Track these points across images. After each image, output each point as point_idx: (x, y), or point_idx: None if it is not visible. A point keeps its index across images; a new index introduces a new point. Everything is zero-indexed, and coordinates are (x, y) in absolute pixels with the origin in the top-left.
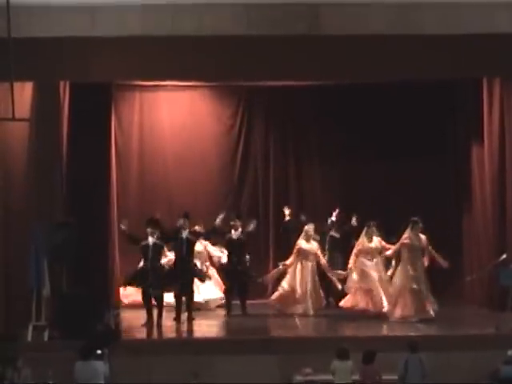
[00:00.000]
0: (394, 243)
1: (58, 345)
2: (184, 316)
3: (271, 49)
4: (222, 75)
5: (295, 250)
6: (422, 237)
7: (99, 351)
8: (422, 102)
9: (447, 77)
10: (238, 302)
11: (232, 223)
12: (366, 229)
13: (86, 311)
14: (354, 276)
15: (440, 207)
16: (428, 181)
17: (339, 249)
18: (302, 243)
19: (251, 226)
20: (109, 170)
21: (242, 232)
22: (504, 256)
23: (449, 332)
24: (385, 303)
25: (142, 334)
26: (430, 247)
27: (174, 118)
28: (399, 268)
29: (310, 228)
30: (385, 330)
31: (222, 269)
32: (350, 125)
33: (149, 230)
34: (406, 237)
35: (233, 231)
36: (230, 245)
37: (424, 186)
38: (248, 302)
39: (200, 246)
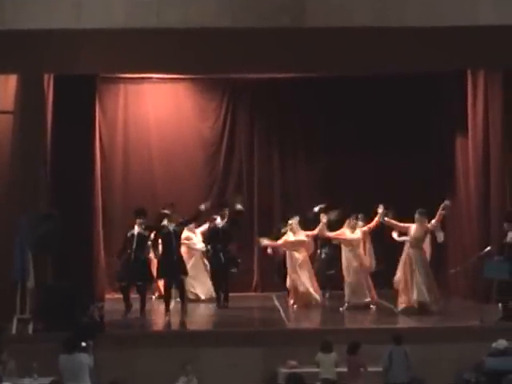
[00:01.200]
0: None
1: (43, 337)
2: (176, 307)
3: (256, 41)
4: (208, 68)
5: (282, 243)
6: (427, 224)
7: (84, 343)
8: (407, 94)
9: (431, 69)
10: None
11: (220, 213)
12: (348, 221)
13: (70, 303)
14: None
15: (424, 199)
16: (412, 173)
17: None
18: (289, 236)
19: (238, 206)
20: (93, 162)
21: (227, 221)
22: (488, 248)
23: (433, 324)
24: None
25: (126, 325)
26: (431, 223)
27: (159, 110)
28: (402, 260)
29: (293, 221)
30: (370, 322)
31: (206, 258)
32: (335, 117)
33: (138, 220)
34: (413, 229)
35: (219, 219)
36: (214, 233)
37: (408, 178)
38: (235, 294)
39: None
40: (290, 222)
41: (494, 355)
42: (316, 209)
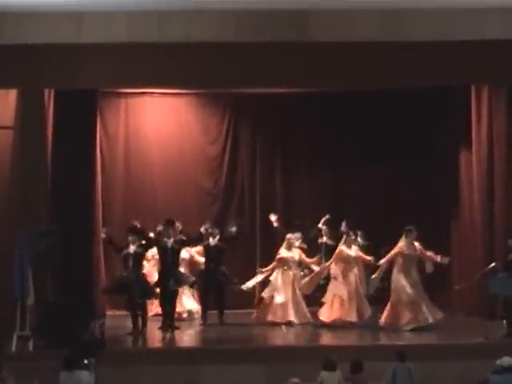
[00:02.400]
0: (382, 254)
1: (43, 354)
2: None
3: (259, 56)
4: (210, 82)
5: (276, 259)
6: (417, 245)
7: (86, 361)
8: (411, 109)
9: (436, 84)
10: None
11: (210, 230)
12: (345, 237)
13: (70, 320)
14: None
15: (428, 215)
16: (416, 188)
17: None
18: (282, 252)
19: (233, 229)
20: (94, 177)
21: (220, 240)
22: (493, 264)
23: (437, 341)
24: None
25: (128, 343)
26: (426, 252)
27: (160, 125)
28: (393, 278)
29: (291, 237)
30: (372, 339)
31: (199, 276)
32: (338, 132)
33: (130, 238)
34: (400, 246)
35: (210, 238)
36: (207, 252)
37: (412, 193)
38: (235, 311)
39: (186, 253)
40: (288, 236)
41: (498, 372)
42: (320, 224)
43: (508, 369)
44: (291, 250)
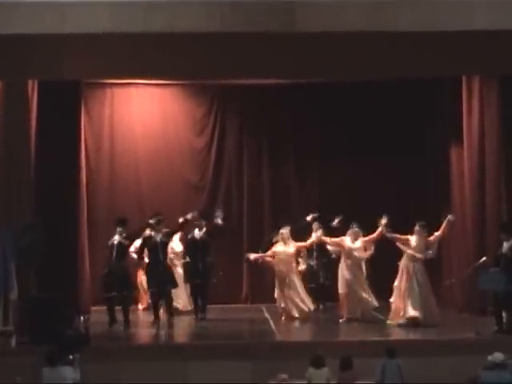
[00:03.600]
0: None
1: (27, 350)
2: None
3: (246, 46)
4: (196, 73)
5: (271, 253)
6: (428, 239)
7: (70, 356)
8: (401, 100)
9: (426, 75)
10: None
11: (196, 222)
12: (350, 230)
13: (54, 315)
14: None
15: (418, 209)
16: (406, 181)
17: (323, 253)
18: (277, 247)
19: (219, 219)
20: (78, 169)
21: (206, 232)
22: (484, 259)
23: (427, 337)
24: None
25: (113, 338)
26: (431, 238)
27: (146, 116)
28: (400, 273)
29: (284, 231)
30: (362, 335)
31: (184, 269)
32: (327, 124)
33: (118, 229)
34: (414, 245)
35: (196, 230)
36: (192, 245)
37: (402, 186)
38: (224, 306)
39: (180, 246)
40: (281, 231)
41: (489, 369)
42: (308, 218)
43: (499, 365)
44: (287, 244)
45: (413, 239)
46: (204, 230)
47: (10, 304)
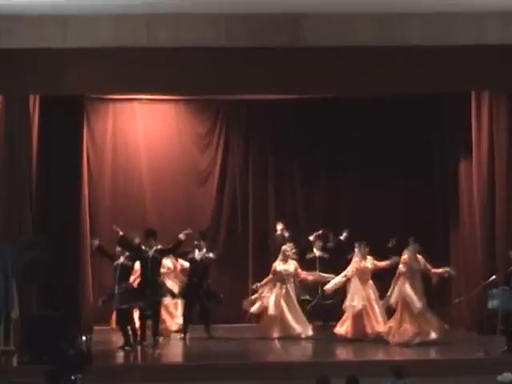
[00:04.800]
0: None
1: (28, 370)
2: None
3: (251, 61)
4: (200, 89)
5: (271, 271)
6: (420, 257)
7: (72, 377)
8: (409, 116)
9: (434, 90)
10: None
11: (196, 243)
12: (358, 249)
13: (56, 335)
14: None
15: (427, 226)
16: (414, 198)
17: (331, 269)
18: (277, 264)
19: (211, 254)
20: (80, 185)
21: (206, 253)
22: (493, 277)
23: (436, 356)
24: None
25: (115, 358)
26: (431, 268)
27: (149, 132)
28: (396, 290)
29: (287, 248)
30: (369, 355)
31: (181, 290)
32: (333, 140)
33: (118, 249)
34: (406, 257)
35: (196, 251)
36: (191, 265)
37: (410, 203)
38: (228, 325)
39: (170, 263)
40: (283, 248)
41: None
42: (311, 237)
43: None
44: (287, 262)
45: (405, 253)
46: (204, 251)
47: (11, 322)
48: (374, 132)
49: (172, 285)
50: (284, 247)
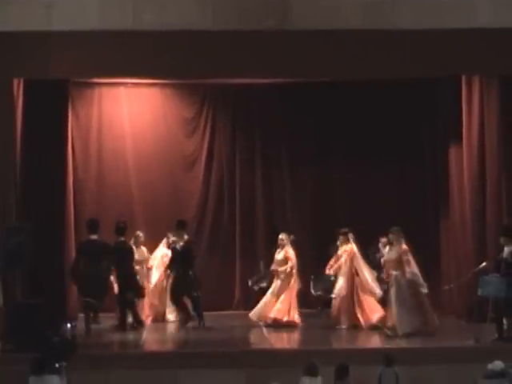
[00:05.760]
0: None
1: (12, 358)
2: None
3: (239, 45)
4: (186, 73)
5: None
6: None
7: (56, 365)
8: (398, 101)
9: (425, 74)
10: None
11: (172, 234)
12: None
13: (41, 322)
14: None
15: (417, 212)
16: (404, 184)
17: None
18: (277, 253)
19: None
20: (65, 171)
21: (188, 241)
22: (484, 264)
23: (425, 344)
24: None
25: (100, 346)
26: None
27: (135, 116)
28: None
29: (283, 236)
30: (359, 343)
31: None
32: (322, 125)
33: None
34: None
35: (176, 241)
36: (174, 256)
37: (400, 188)
38: (216, 313)
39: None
40: (280, 236)
41: (489, 377)
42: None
43: (499, 373)
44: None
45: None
46: (185, 240)
47: None
48: (363, 117)
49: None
50: (280, 236)
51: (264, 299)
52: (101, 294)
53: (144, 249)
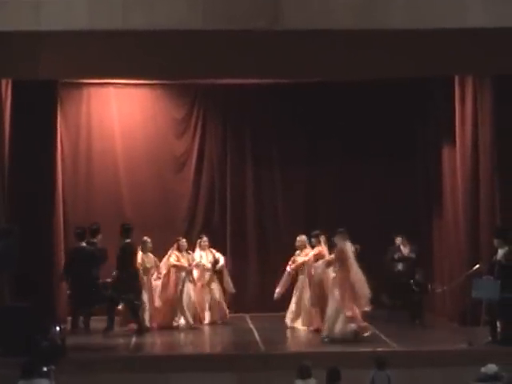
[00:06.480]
0: None
1: (0, 362)
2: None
3: (229, 45)
4: (177, 73)
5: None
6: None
7: (45, 369)
8: (391, 101)
9: (418, 74)
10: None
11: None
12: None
13: (29, 326)
14: None
15: (409, 213)
16: (397, 184)
17: None
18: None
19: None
20: (54, 173)
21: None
22: (477, 266)
23: (418, 347)
24: None
25: (90, 350)
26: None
27: (125, 117)
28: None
29: (301, 238)
30: (350, 346)
31: None
32: (313, 125)
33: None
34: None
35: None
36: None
37: (393, 189)
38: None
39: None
40: (298, 238)
41: (482, 380)
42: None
43: (493, 377)
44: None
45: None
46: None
47: None
48: (356, 117)
49: None
50: (298, 238)
51: None
52: (91, 301)
53: (151, 255)
